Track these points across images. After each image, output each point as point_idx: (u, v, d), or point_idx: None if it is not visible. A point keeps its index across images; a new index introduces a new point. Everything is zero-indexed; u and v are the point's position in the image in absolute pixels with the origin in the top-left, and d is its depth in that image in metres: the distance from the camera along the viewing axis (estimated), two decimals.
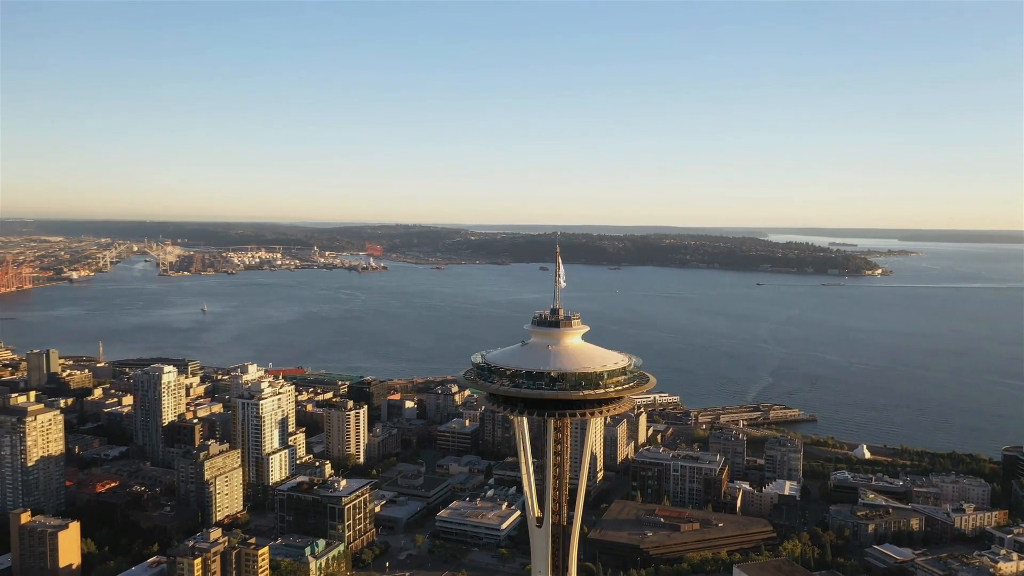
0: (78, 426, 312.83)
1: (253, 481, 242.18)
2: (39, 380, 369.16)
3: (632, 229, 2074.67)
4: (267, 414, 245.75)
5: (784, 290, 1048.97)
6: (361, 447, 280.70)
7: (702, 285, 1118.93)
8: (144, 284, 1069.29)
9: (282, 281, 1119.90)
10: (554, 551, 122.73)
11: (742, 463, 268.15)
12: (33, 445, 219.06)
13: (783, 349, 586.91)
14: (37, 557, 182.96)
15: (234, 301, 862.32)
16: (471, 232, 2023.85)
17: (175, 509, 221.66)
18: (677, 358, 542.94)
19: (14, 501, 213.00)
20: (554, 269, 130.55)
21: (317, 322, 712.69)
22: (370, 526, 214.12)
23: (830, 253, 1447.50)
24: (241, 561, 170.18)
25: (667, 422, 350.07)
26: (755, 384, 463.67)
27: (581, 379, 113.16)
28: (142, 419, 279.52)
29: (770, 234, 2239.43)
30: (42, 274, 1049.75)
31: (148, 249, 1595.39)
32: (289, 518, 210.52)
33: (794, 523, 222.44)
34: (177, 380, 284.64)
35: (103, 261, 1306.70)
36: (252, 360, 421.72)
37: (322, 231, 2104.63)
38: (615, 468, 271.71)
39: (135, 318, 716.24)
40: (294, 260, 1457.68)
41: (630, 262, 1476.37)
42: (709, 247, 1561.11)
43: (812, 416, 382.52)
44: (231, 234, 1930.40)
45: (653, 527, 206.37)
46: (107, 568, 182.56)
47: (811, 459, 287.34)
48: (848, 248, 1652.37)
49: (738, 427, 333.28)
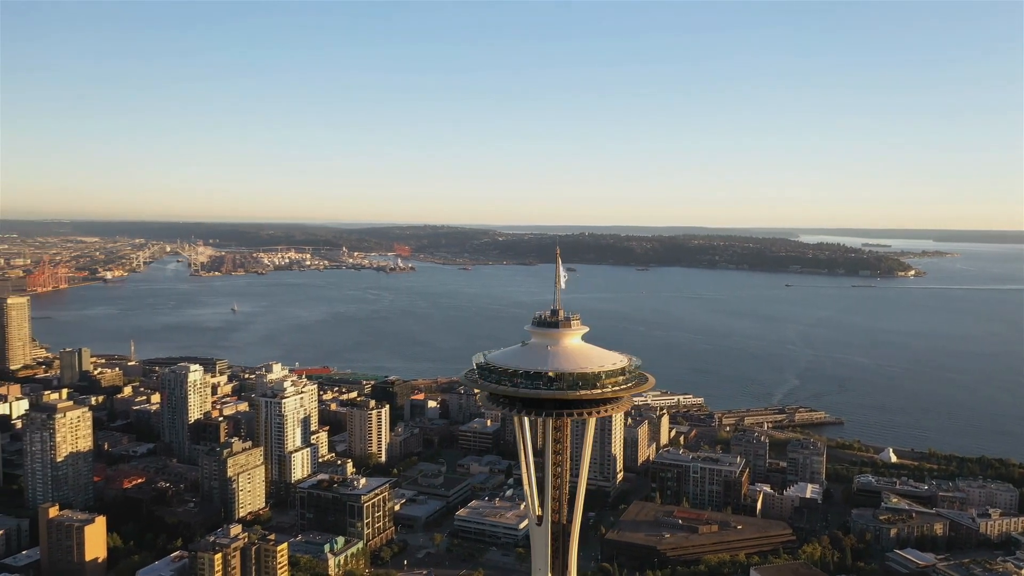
0: (108, 423, 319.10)
1: (276, 478, 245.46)
2: (71, 378, 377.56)
3: (660, 230, 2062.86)
4: (289, 413, 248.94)
5: (813, 291, 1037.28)
6: (383, 446, 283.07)
7: (730, 286, 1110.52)
8: (176, 284, 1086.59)
9: (311, 281, 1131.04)
10: (554, 550, 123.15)
11: (764, 465, 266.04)
12: (62, 441, 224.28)
13: (811, 351, 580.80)
14: (64, 550, 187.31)
15: (263, 301, 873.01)
16: (499, 233, 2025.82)
17: (199, 505, 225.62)
18: (703, 360, 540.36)
19: (44, 496, 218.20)
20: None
21: (344, 322, 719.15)
22: (389, 524, 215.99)
23: (862, 254, 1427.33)
24: (260, 557, 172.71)
25: (690, 424, 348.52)
26: (781, 386, 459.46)
27: (578, 379, 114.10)
28: (169, 417, 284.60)
29: (801, 235, 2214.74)
30: (77, 274, 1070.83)
31: (180, 250, 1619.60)
32: (309, 515, 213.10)
33: (815, 526, 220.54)
34: (203, 379, 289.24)
35: (136, 261, 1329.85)
36: (280, 359, 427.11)
37: (351, 232, 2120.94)
38: (636, 469, 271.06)
39: (166, 317, 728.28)
40: (323, 260, 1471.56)
41: (658, 263, 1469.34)
42: (738, 248, 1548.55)
43: (838, 419, 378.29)
44: (261, 235, 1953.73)
45: (671, 528, 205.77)
46: (132, 562, 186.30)
47: (835, 462, 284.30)
48: (881, 249, 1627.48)
49: (762, 429, 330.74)
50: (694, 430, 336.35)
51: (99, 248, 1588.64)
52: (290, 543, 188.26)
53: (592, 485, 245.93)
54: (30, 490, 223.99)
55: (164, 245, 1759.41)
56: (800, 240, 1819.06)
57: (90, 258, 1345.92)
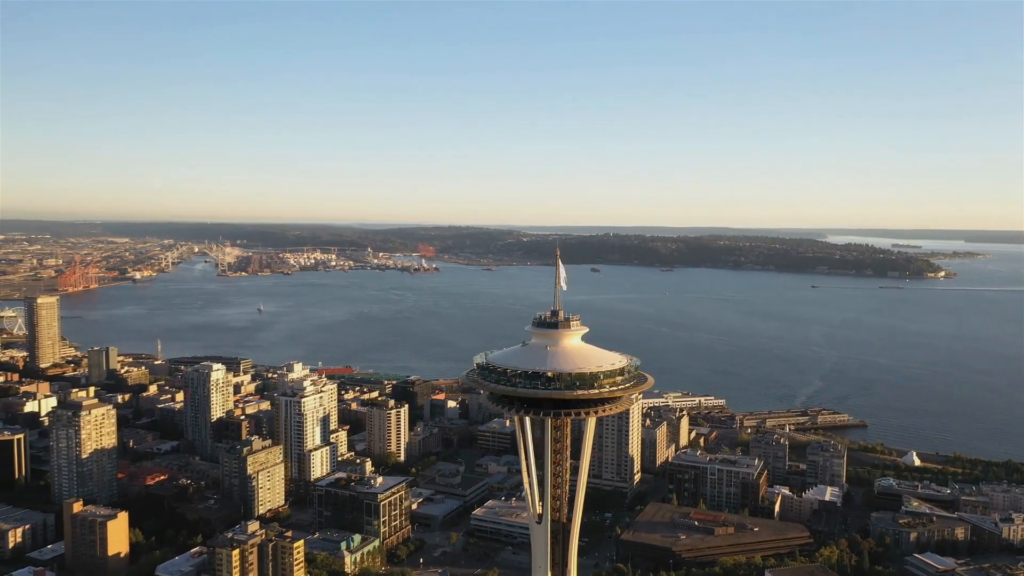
0: (133, 421, 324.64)
1: (295, 477, 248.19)
2: (99, 376, 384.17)
3: (686, 230, 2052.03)
4: (309, 412, 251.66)
5: (840, 293, 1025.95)
6: (401, 445, 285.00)
7: (755, 287, 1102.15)
8: (203, 284, 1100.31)
9: (335, 282, 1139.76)
10: (554, 548, 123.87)
11: (783, 468, 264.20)
12: (87, 438, 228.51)
13: (836, 353, 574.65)
14: (88, 545, 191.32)
15: (288, 301, 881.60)
16: (523, 233, 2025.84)
17: (219, 502, 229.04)
18: (725, 361, 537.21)
19: (69, 491, 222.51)
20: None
21: (368, 322, 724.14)
22: (406, 523, 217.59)
23: (890, 255, 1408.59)
24: (277, 553, 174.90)
25: (711, 425, 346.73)
26: (805, 388, 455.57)
27: (576, 379, 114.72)
28: (192, 415, 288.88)
29: (829, 235, 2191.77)
30: (107, 274, 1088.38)
31: (208, 250, 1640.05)
32: (327, 513, 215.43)
33: (833, 529, 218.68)
34: (225, 378, 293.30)
35: (165, 262, 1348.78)
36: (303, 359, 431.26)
37: (376, 232, 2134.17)
38: (654, 471, 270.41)
39: (193, 317, 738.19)
40: (348, 261, 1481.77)
41: (683, 263, 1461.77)
42: (764, 248, 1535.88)
43: (862, 422, 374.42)
44: (288, 235, 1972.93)
45: (687, 530, 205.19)
46: (152, 557, 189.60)
47: (857, 465, 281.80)
48: (911, 250, 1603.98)
49: (783, 432, 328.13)
50: (715, 432, 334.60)
51: (129, 248, 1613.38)
52: (307, 540, 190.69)
53: (609, 486, 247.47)
54: (56, 485, 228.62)
55: (192, 246, 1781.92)
56: (828, 241, 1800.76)
57: (120, 258, 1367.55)
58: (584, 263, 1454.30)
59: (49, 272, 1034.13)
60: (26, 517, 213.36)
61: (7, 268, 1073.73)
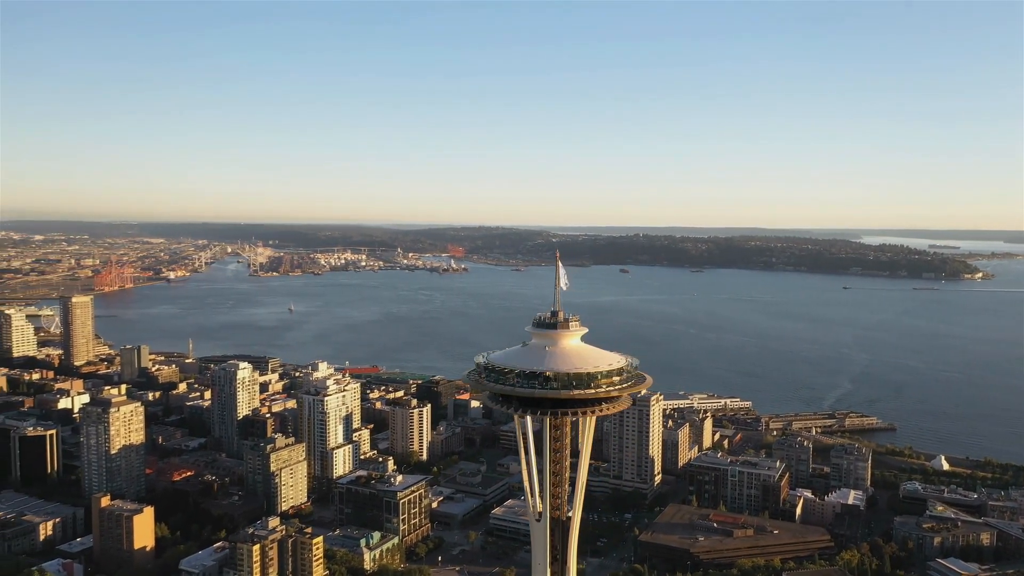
0: (163, 418, 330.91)
1: (318, 474, 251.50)
2: (131, 374, 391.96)
3: (717, 231, 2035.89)
4: (332, 410, 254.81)
5: (872, 294, 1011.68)
6: (424, 444, 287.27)
7: (786, 288, 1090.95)
8: (235, 284, 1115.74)
9: (365, 282, 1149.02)
10: (553, 545, 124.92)
11: (807, 470, 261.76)
12: (116, 434, 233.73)
13: (867, 355, 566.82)
14: (115, 538, 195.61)
15: (318, 301, 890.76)
16: (553, 234, 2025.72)
17: (243, 498, 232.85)
18: (753, 363, 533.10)
19: (99, 486, 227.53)
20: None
21: (396, 322, 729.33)
22: (425, 521, 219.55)
23: (926, 256, 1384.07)
24: (297, 549, 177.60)
25: (736, 427, 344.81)
26: (833, 391, 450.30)
27: (573, 379, 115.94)
28: (219, 413, 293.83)
29: (863, 235, 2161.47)
30: (142, 274, 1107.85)
31: (241, 251, 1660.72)
32: (348, 510, 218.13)
33: (856, 533, 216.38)
34: (251, 376, 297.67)
35: (198, 262, 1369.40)
36: (331, 358, 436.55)
37: (407, 233, 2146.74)
38: (676, 472, 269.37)
39: (224, 316, 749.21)
40: (378, 261, 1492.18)
41: (713, 264, 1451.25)
42: (796, 249, 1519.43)
43: (891, 425, 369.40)
44: (319, 236, 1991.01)
45: (705, 532, 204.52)
46: (177, 551, 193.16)
47: (884, 468, 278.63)
48: (948, 251, 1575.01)
49: (810, 434, 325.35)
50: (739, 434, 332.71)
51: (164, 249, 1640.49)
52: (327, 537, 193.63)
53: (629, 487, 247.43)
54: (86, 480, 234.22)
55: (225, 246, 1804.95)
56: (862, 241, 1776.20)
57: (155, 258, 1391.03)
58: (613, 264, 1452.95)
59: (86, 272, 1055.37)
60: (57, 511, 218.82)
61: (46, 268, 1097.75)
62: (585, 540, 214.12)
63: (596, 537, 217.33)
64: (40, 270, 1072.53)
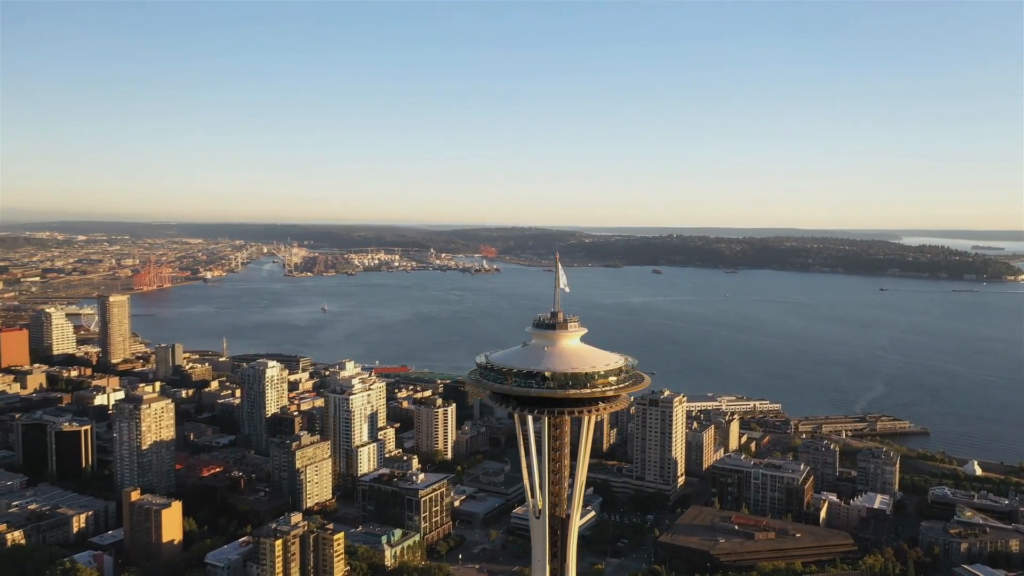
0: (195, 415, 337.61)
1: (343, 472, 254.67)
2: (165, 372, 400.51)
3: (751, 231, 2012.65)
4: (357, 409, 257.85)
5: (910, 296, 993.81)
6: (449, 443, 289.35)
7: (822, 290, 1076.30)
8: (270, 284, 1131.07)
9: (397, 282, 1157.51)
10: (552, 542, 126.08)
11: (833, 474, 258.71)
12: (147, 431, 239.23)
13: (902, 358, 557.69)
14: (144, 532, 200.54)
15: (351, 301, 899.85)
16: (585, 234, 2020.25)
17: (269, 494, 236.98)
18: (784, 365, 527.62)
19: (130, 480, 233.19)
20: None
21: (426, 322, 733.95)
22: (447, 519, 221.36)
23: (967, 257, 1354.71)
24: (318, 545, 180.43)
25: (764, 430, 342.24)
26: (866, 394, 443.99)
27: (569, 379, 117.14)
28: (248, 410, 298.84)
29: (903, 236, 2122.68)
30: (180, 274, 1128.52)
31: (276, 251, 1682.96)
32: (371, 507, 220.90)
33: (881, 538, 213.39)
34: (280, 374, 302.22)
35: (235, 262, 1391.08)
36: (361, 358, 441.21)
37: (440, 233, 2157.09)
38: (700, 474, 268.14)
39: (259, 316, 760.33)
40: (411, 262, 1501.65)
41: (747, 265, 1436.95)
42: (833, 250, 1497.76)
43: (924, 429, 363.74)
44: (354, 236, 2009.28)
45: (726, 534, 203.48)
46: (204, 545, 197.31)
47: (914, 473, 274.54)
48: (992, 252, 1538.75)
49: (839, 438, 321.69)
50: (767, 436, 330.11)
51: (201, 249, 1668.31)
52: (349, 533, 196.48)
53: (652, 488, 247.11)
54: (118, 475, 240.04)
55: (261, 246, 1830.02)
56: (901, 242, 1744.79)
57: (193, 259, 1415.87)
58: (646, 264, 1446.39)
59: (126, 272, 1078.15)
60: (90, 504, 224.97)
61: (88, 268, 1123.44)
62: (606, 540, 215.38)
63: (617, 538, 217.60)
64: (82, 270, 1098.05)
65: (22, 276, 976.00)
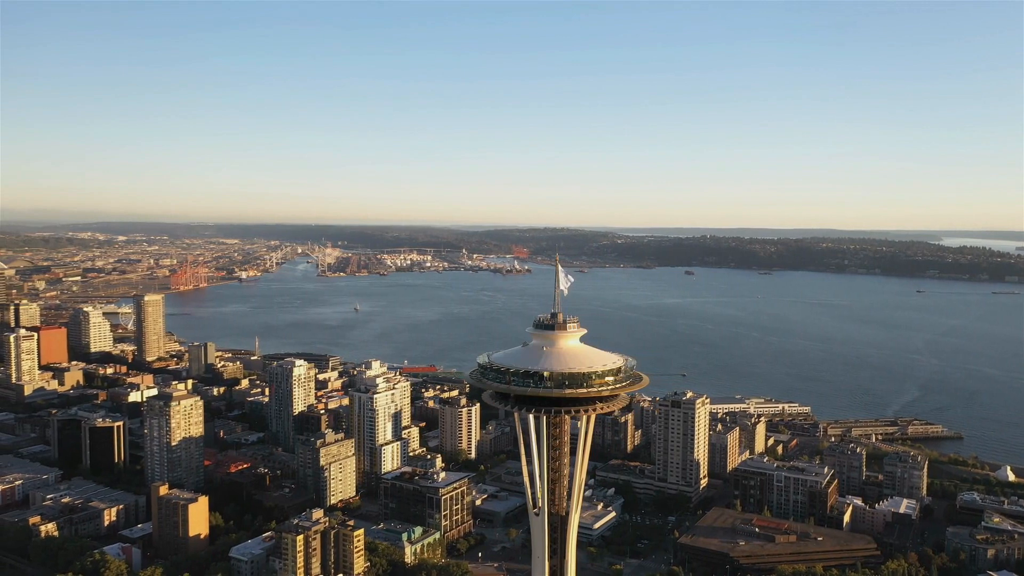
0: (226, 413, 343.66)
1: (367, 470, 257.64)
2: (198, 370, 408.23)
3: (787, 232, 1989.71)
4: (380, 407, 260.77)
5: (949, 298, 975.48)
6: (472, 443, 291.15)
7: (857, 292, 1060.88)
8: (303, 284, 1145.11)
9: (429, 283, 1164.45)
10: (552, 538, 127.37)
11: (859, 478, 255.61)
12: (177, 427, 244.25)
13: (938, 362, 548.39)
14: (171, 526, 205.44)
15: (382, 301, 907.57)
16: (618, 235, 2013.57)
17: (294, 491, 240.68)
18: (815, 368, 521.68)
19: (160, 476, 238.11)
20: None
21: (456, 322, 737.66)
22: (467, 517, 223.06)
23: (1009, 258, 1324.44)
24: (339, 540, 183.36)
25: (792, 433, 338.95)
26: (899, 397, 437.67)
27: (566, 378, 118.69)
28: (276, 408, 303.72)
29: (944, 237, 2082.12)
30: (216, 274, 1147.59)
31: (310, 251, 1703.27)
32: (393, 505, 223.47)
33: (906, 543, 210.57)
34: (307, 373, 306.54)
35: (270, 262, 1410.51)
36: (390, 357, 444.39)
37: (472, 234, 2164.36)
38: (724, 476, 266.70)
39: (292, 315, 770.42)
40: (442, 262, 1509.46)
41: (782, 267, 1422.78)
42: (870, 251, 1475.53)
43: (957, 434, 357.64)
44: (387, 237, 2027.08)
45: (747, 536, 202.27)
46: (229, 539, 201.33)
47: (944, 478, 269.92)
48: None
49: (868, 441, 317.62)
50: (795, 439, 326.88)
51: (237, 249, 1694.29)
52: (371, 530, 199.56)
53: (673, 489, 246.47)
54: (148, 470, 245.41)
55: (296, 247, 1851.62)
56: (941, 244, 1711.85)
57: (229, 259, 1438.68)
58: (679, 265, 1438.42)
59: (164, 271, 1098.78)
60: (121, 498, 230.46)
61: (127, 268, 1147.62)
62: (626, 541, 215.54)
63: (637, 539, 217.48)
64: (122, 269, 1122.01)
65: (64, 276, 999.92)
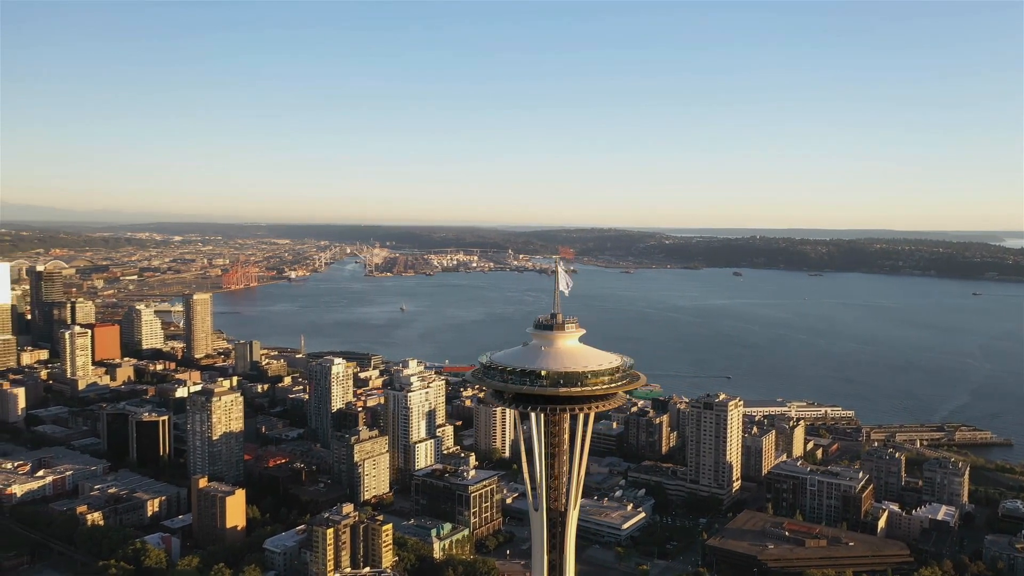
0: (268, 409, 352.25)
1: (401, 467, 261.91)
2: (243, 367, 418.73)
3: (839, 233, 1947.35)
4: (415, 405, 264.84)
5: (1006, 301, 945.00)
6: (507, 442, 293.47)
7: (910, 293, 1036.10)
8: (351, 284, 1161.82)
9: (474, 283, 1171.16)
10: (551, 535, 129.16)
11: (897, 483, 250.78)
12: (218, 422, 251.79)
13: (991, 366, 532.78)
14: (210, 517, 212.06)
15: (427, 301, 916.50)
16: (665, 236, 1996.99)
17: (329, 486, 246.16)
18: (862, 371, 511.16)
19: (201, 469, 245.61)
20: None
21: (499, 322, 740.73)
22: (497, 515, 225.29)
23: None
24: (368, 535, 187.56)
25: (834, 437, 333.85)
26: (948, 402, 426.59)
27: (561, 377, 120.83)
28: (315, 405, 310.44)
29: (1006, 238, 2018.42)
30: (266, 273, 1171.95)
31: (359, 251, 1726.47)
32: (423, 502, 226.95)
33: (942, 551, 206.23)
34: (345, 371, 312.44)
35: (319, 262, 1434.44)
36: (432, 357, 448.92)
37: (519, 234, 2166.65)
38: (758, 479, 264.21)
39: (338, 314, 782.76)
40: (488, 263, 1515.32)
41: (833, 268, 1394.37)
42: (925, 252, 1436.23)
43: (1007, 440, 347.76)
44: (434, 237, 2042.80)
45: (776, 540, 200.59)
46: (264, 532, 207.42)
47: (988, 485, 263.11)
48: None
49: (911, 446, 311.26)
50: (836, 444, 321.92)
51: (288, 249, 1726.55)
52: (401, 525, 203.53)
53: (705, 491, 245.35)
54: (190, 463, 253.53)
55: (345, 247, 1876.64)
56: (1002, 244, 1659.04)
57: (279, 258, 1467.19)
58: (727, 266, 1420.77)
59: (216, 271, 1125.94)
60: (164, 490, 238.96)
61: (182, 267, 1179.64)
62: (655, 542, 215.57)
63: (667, 540, 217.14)
64: (176, 269, 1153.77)
65: (121, 275, 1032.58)
